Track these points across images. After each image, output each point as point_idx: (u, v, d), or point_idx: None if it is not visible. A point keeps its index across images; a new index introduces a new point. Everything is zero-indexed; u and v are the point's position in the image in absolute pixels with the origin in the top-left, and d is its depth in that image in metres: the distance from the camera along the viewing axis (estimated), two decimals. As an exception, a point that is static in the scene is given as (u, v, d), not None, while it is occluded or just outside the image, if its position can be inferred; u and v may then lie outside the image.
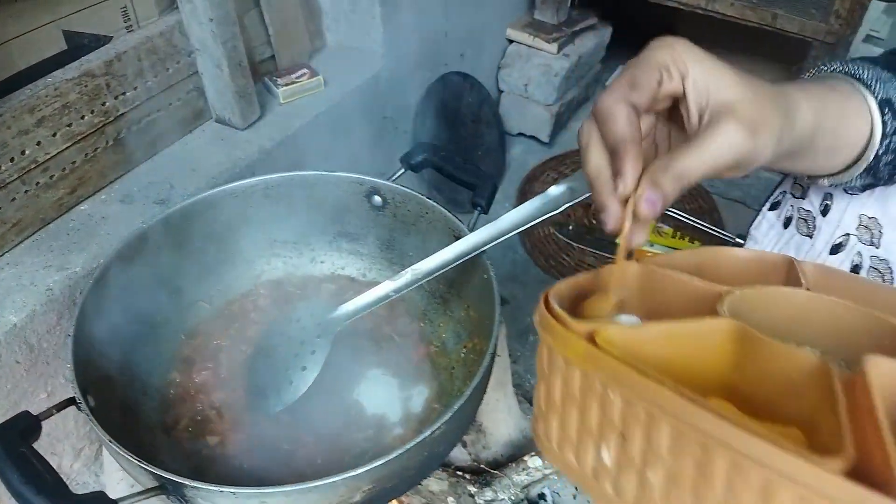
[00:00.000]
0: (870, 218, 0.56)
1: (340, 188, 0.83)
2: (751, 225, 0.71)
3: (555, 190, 0.69)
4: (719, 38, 1.61)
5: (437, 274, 0.70)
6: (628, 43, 1.86)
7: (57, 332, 0.83)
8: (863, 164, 0.51)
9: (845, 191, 0.58)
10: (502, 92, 1.70)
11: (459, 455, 0.95)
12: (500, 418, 0.93)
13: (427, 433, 0.56)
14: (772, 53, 1.64)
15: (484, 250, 0.70)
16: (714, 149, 0.41)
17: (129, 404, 0.70)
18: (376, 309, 0.84)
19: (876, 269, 0.57)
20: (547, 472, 0.88)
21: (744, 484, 0.29)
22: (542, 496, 0.95)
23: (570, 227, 1.48)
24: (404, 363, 0.80)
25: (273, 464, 0.69)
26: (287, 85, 1.10)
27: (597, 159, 0.43)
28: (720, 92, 0.42)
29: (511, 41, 1.65)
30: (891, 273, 0.56)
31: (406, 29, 1.27)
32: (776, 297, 0.40)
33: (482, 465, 0.92)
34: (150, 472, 0.52)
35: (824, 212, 0.61)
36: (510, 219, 0.70)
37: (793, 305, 0.40)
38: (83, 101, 0.90)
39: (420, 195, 0.80)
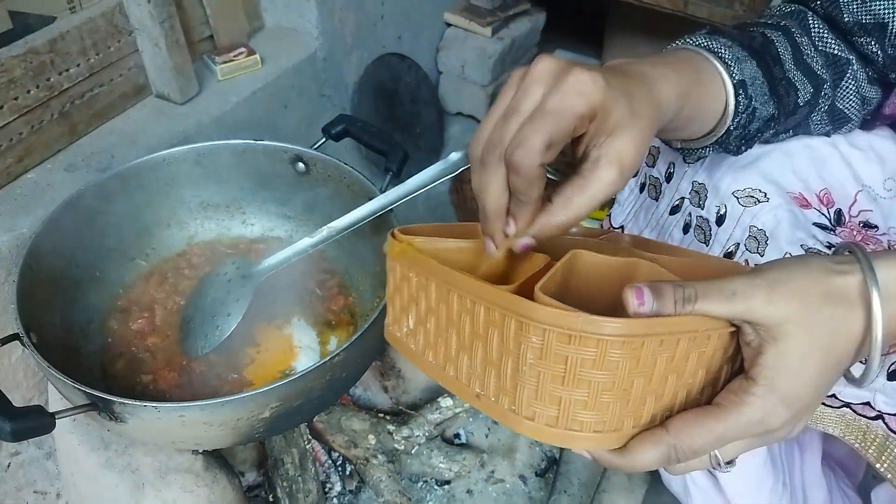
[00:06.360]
0: (699, 184, 0.65)
1: (267, 155, 0.92)
2: (616, 189, 0.81)
3: (454, 155, 0.78)
4: (647, 22, 1.72)
5: (350, 230, 0.79)
6: (562, 27, 1.96)
7: (6, 288, 0.90)
8: (713, 137, 0.58)
9: (684, 160, 0.65)
10: (441, 73, 1.78)
11: (382, 400, 1.05)
12: (418, 366, 1.02)
13: (327, 359, 0.65)
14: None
15: (391, 209, 0.80)
16: (599, 196, 0.43)
17: (70, 346, 0.78)
18: (303, 265, 0.94)
19: (700, 227, 0.65)
20: (457, 410, 0.99)
21: (466, 308, 0.44)
22: (457, 435, 1.05)
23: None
24: (325, 312, 0.89)
25: (201, 399, 0.78)
26: (225, 63, 1.18)
27: (498, 199, 0.45)
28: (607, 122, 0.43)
29: (449, 24, 1.74)
30: (710, 230, 0.64)
31: (341, 11, 1.35)
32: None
33: (402, 408, 1.02)
34: (83, 391, 0.61)
35: (668, 178, 0.70)
36: (415, 181, 0.79)
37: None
38: (28, 77, 0.97)
39: (338, 161, 0.89)
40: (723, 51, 0.56)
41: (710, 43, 0.57)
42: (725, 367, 0.43)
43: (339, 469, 0.97)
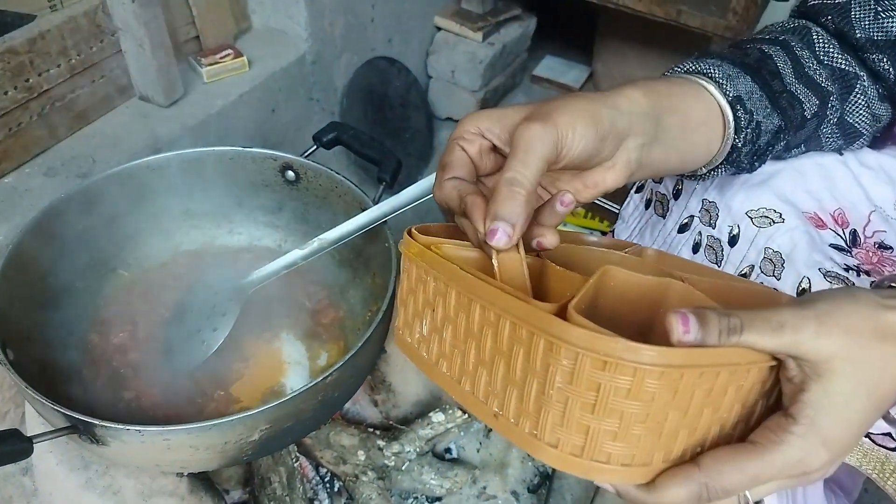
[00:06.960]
0: (710, 202, 0.63)
1: (256, 163, 0.89)
2: (622, 205, 0.79)
3: (449, 167, 0.76)
4: (638, 30, 1.71)
5: (342, 242, 0.76)
6: (553, 33, 1.95)
7: (-20, 299, 0.86)
8: (720, 157, 0.56)
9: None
10: (431, 78, 1.76)
11: (372, 414, 1.02)
12: (409, 379, 1.00)
13: (319, 379, 0.63)
14: (687, 48, 1.74)
15: (385, 221, 0.77)
16: (521, 149, 0.43)
17: (48, 362, 0.74)
18: (291, 277, 0.91)
19: (711, 247, 0.63)
20: (449, 426, 0.96)
21: (490, 322, 0.41)
22: (448, 450, 1.03)
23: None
24: (314, 326, 0.86)
25: (186, 417, 0.75)
26: (211, 65, 1.14)
27: (469, 228, 0.48)
28: (511, 120, 0.47)
29: (439, 28, 1.72)
30: (722, 250, 0.62)
31: (331, 13, 1.32)
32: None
33: (391, 422, 0.99)
34: (62, 412, 0.58)
35: (676, 195, 0.68)
36: (409, 193, 0.76)
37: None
38: (6, 78, 0.93)
39: (330, 170, 0.87)
40: (712, 70, 0.55)
41: (696, 66, 0.56)
42: (761, 402, 0.40)
43: (328, 486, 0.94)
